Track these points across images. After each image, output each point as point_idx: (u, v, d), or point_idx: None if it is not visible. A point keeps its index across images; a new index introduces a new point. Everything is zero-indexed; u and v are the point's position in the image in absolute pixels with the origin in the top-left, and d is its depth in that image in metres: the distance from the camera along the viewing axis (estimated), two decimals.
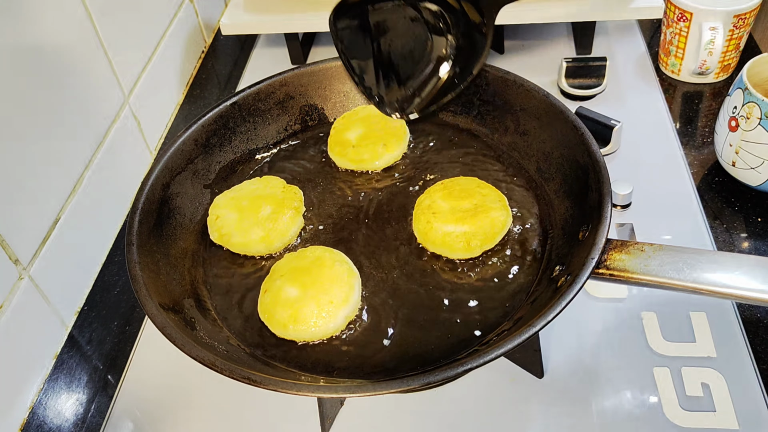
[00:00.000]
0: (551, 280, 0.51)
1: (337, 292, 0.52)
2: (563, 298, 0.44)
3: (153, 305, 0.49)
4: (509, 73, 0.63)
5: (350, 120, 0.67)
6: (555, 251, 0.54)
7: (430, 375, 0.42)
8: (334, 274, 0.53)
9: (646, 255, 0.46)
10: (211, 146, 0.65)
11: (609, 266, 0.47)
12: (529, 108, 0.62)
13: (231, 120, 0.66)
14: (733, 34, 0.78)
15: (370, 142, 0.65)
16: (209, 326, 0.53)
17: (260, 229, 0.58)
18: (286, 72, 0.68)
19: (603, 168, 0.52)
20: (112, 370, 0.62)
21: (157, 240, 0.57)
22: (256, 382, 0.43)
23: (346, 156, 0.65)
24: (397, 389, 0.42)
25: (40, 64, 0.62)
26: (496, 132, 0.65)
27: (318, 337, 0.51)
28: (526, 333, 0.42)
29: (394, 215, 0.61)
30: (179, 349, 0.46)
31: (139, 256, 0.52)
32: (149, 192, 0.58)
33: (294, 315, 0.51)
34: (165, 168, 0.60)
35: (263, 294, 0.54)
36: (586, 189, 0.53)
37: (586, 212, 0.52)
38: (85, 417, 0.59)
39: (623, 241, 0.48)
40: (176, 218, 0.60)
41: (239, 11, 0.90)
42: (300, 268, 0.54)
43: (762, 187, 0.67)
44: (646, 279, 0.46)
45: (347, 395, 0.43)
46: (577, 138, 0.56)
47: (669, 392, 0.54)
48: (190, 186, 0.63)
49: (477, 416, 0.55)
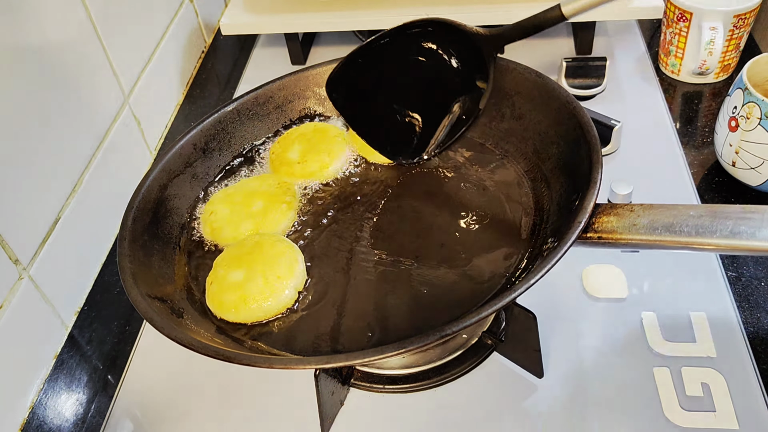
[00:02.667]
0: (542, 252, 0.51)
1: (282, 265, 0.54)
2: (547, 261, 0.43)
3: (137, 292, 0.50)
4: (501, 59, 0.63)
5: (287, 141, 0.67)
6: (550, 227, 0.55)
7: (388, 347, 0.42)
8: (276, 251, 0.55)
9: (635, 215, 0.45)
10: (210, 150, 0.65)
11: (597, 229, 0.46)
12: (523, 91, 0.62)
13: (230, 124, 0.67)
14: (733, 34, 0.78)
15: (315, 153, 0.65)
16: (198, 316, 0.54)
17: (251, 223, 0.59)
18: (284, 76, 0.69)
19: (593, 137, 0.52)
20: (112, 370, 0.62)
21: (152, 237, 0.57)
22: (230, 358, 0.44)
23: (293, 174, 0.64)
24: (379, 356, 0.42)
25: (40, 64, 0.62)
26: (493, 120, 0.65)
27: (271, 313, 0.53)
28: (506, 298, 0.42)
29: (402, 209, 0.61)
30: (158, 331, 0.47)
31: (130, 250, 0.54)
32: (146, 192, 0.59)
33: (243, 296, 0.52)
34: (163, 170, 0.61)
35: (209, 286, 0.55)
36: (579, 160, 0.53)
37: (579, 183, 0.52)
38: (85, 417, 0.59)
39: (613, 204, 0.47)
40: (173, 218, 0.61)
41: (239, 11, 0.90)
42: (241, 254, 0.55)
43: (762, 187, 0.67)
44: (635, 240, 0.44)
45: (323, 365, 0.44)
46: (569, 112, 0.56)
47: (669, 392, 0.54)
48: (188, 188, 0.63)
49: (477, 416, 0.55)
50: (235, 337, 0.52)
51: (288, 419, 0.56)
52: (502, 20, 0.83)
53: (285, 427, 0.56)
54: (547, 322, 0.59)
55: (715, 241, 0.43)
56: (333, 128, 0.68)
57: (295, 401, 0.57)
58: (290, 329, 0.52)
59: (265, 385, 0.58)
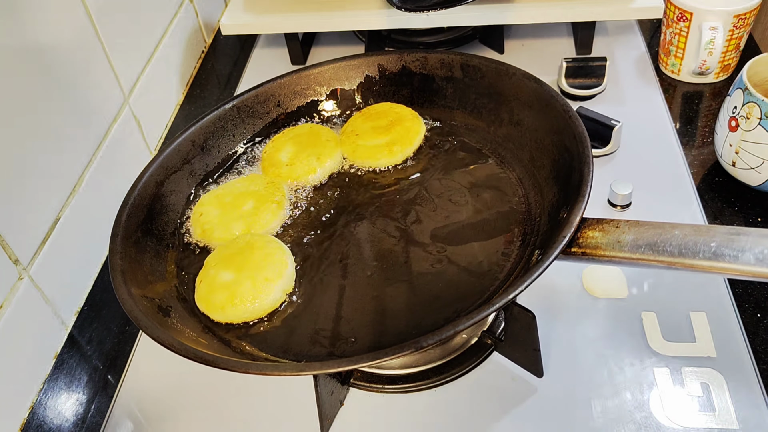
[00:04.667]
0: (528, 263, 0.51)
1: (270, 269, 0.54)
2: (528, 276, 0.43)
3: (125, 291, 0.50)
4: (503, 64, 0.63)
5: (280, 142, 0.67)
6: (540, 237, 0.55)
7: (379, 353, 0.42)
8: (265, 253, 0.55)
9: (620, 231, 0.45)
10: (208, 147, 0.65)
11: (581, 244, 0.46)
12: (522, 97, 0.62)
13: (230, 122, 0.67)
14: (733, 34, 0.78)
15: (304, 156, 0.65)
16: (186, 315, 0.54)
17: (242, 223, 0.59)
18: (285, 75, 0.69)
19: (586, 148, 0.52)
20: (112, 370, 0.62)
21: (146, 233, 0.58)
22: (208, 361, 0.44)
23: (280, 175, 0.64)
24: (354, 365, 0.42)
25: (40, 64, 0.62)
26: (491, 124, 0.65)
27: (257, 314, 0.53)
28: (486, 311, 0.42)
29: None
30: (142, 330, 0.47)
31: (122, 247, 0.54)
32: (141, 189, 0.59)
33: (231, 296, 0.53)
34: (160, 167, 0.61)
35: (198, 285, 0.55)
36: (571, 171, 0.53)
37: (569, 195, 0.52)
38: (85, 417, 0.59)
39: (600, 219, 0.47)
40: (168, 215, 0.61)
41: (239, 11, 0.90)
42: (232, 254, 0.56)
43: (762, 187, 0.67)
44: (619, 256, 0.44)
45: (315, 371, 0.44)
46: (565, 121, 0.56)
47: (669, 392, 0.54)
48: (185, 185, 0.63)
49: (477, 416, 0.55)
50: (221, 337, 0.53)
51: (288, 419, 0.56)
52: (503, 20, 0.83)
53: (285, 427, 0.56)
54: (547, 321, 0.59)
55: (697, 262, 0.42)
56: (327, 131, 0.68)
57: (295, 401, 0.57)
58: (278, 330, 0.53)
59: (265, 384, 0.58)
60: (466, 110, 0.67)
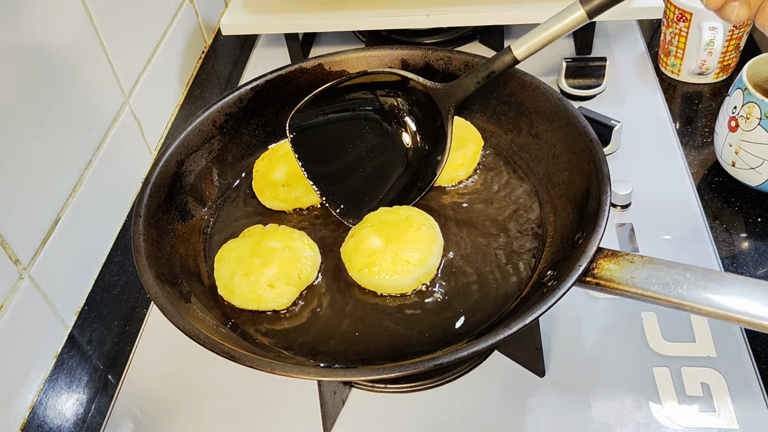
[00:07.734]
0: (541, 284, 0.51)
1: (414, 252, 0.54)
2: (544, 303, 0.44)
3: (150, 276, 0.50)
4: (526, 75, 0.62)
5: (272, 159, 0.64)
6: (551, 256, 0.55)
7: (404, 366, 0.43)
8: (419, 235, 0.55)
9: (634, 267, 0.46)
10: (228, 128, 0.65)
11: (596, 275, 0.47)
12: (542, 110, 0.61)
13: (251, 103, 0.66)
14: (733, 34, 0.78)
15: (300, 178, 0.61)
16: (205, 300, 0.54)
17: None
18: (307, 60, 0.68)
19: (605, 176, 0.52)
20: (112, 370, 0.62)
21: (166, 214, 0.57)
22: (236, 358, 0.44)
23: (277, 198, 0.62)
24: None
25: (40, 64, 0.62)
26: (509, 132, 0.65)
27: (387, 290, 0.54)
28: (500, 335, 0.43)
29: None
30: (168, 320, 0.47)
31: (145, 228, 0.53)
32: (163, 167, 0.58)
33: (370, 263, 0.53)
34: (181, 145, 0.61)
35: (349, 238, 0.56)
36: (588, 196, 0.53)
37: (584, 219, 0.52)
38: (85, 417, 0.59)
39: (614, 251, 0.47)
40: (187, 195, 0.61)
41: (239, 11, 0.90)
42: (389, 222, 0.56)
43: (762, 187, 0.67)
44: (631, 291, 0.46)
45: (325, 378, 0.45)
46: (585, 144, 0.56)
47: (669, 392, 0.54)
48: (204, 165, 0.63)
49: (478, 415, 0.55)
50: (240, 328, 0.53)
51: (290, 418, 0.56)
52: (503, 21, 0.83)
53: (287, 427, 0.56)
54: (548, 321, 0.59)
55: (705, 308, 0.44)
56: None
57: (297, 400, 0.57)
58: (297, 327, 0.53)
59: (267, 384, 0.58)
60: (485, 115, 0.67)
